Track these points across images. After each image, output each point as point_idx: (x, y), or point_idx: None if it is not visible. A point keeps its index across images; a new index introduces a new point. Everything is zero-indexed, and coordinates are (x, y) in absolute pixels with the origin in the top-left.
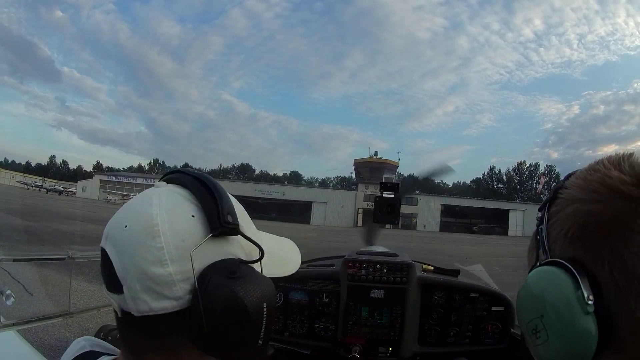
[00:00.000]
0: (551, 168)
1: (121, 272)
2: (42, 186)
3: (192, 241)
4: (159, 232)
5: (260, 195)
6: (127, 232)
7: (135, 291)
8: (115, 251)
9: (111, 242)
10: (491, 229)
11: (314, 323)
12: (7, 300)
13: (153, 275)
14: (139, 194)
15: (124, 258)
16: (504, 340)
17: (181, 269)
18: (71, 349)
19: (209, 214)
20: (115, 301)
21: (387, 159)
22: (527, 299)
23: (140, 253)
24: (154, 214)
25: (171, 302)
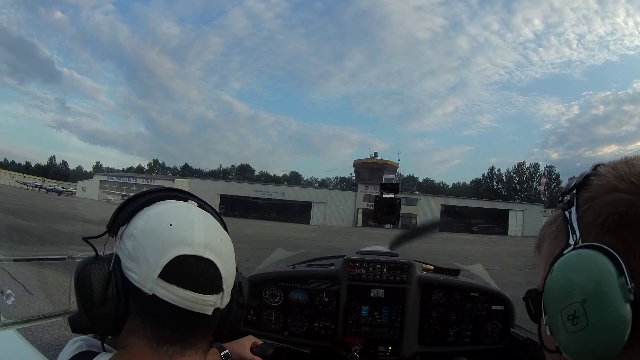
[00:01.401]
0: (551, 169)
1: (225, 276)
2: (42, 186)
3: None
4: (232, 244)
5: (260, 196)
6: (224, 244)
7: (229, 290)
8: (219, 259)
9: (214, 252)
10: (491, 229)
11: (314, 322)
12: (7, 299)
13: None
14: (189, 208)
15: (226, 264)
16: (504, 339)
17: None
18: (68, 348)
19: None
20: (214, 300)
21: (387, 160)
22: (564, 282)
23: (232, 259)
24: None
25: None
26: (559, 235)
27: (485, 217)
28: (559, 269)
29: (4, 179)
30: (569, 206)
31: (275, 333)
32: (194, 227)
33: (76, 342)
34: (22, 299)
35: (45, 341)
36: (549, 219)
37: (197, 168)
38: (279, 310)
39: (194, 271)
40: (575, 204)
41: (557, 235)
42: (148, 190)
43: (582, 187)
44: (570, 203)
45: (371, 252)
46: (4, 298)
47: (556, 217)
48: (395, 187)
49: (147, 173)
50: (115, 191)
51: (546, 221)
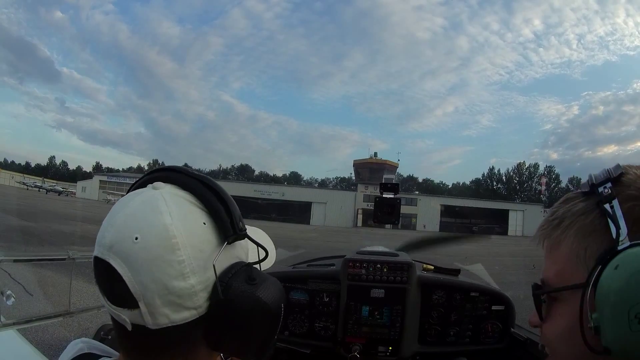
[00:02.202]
0: (551, 169)
1: (137, 289)
2: (42, 187)
3: (209, 250)
4: (177, 245)
5: (260, 196)
6: (140, 246)
7: (155, 306)
8: (127, 266)
9: (119, 256)
10: (491, 229)
11: (314, 322)
12: (8, 300)
13: (175, 289)
14: (134, 195)
15: (140, 274)
16: (504, 339)
17: (201, 279)
18: (68, 351)
19: (221, 220)
20: (127, 316)
21: (386, 160)
22: (634, 280)
23: (160, 268)
24: (168, 224)
25: (191, 311)
26: (597, 229)
27: (485, 217)
28: (625, 263)
29: (4, 179)
30: (608, 199)
31: None
32: (110, 222)
33: (77, 344)
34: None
35: (46, 341)
36: (573, 208)
37: (197, 168)
38: None
39: (103, 275)
40: (617, 198)
41: (594, 229)
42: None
43: (617, 184)
44: (610, 196)
45: (371, 252)
46: (4, 298)
47: (588, 209)
48: (395, 187)
49: None
50: (115, 191)
51: (568, 211)
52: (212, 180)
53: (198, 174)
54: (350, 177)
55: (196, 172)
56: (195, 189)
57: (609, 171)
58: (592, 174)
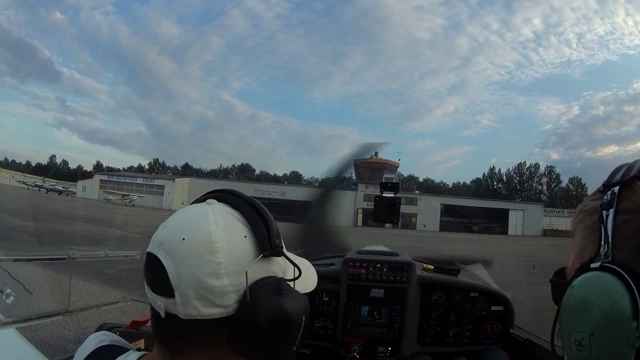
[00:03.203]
0: (551, 169)
1: (176, 280)
2: (42, 186)
3: (245, 259)
4: (217, 249)
5: (260, 195)
6: (186, 245)
7: (189, 297)
8: (171, 260)
9: (166, 251)
10: (491, 228)
11: (313, 322)
12: (7, 298)
13: (208, 285)
14: (190, 208)
15: (180, 267)
16: (503, 340)
17: (234, 282)
18: (89, 342)
19: (260, 236)
20: (162, 303)
21: (387, 159)
22: (580, 306)
23: (199, 265)
24: (212, 231)
25: (220, 309)
26: (593, 234)
27: (485, 217)
28: (579, 285)
29: (4, 179)
30: (608, 206)
31: None
32: (165, 225)
33: (98, 336)
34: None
35: (45, 340)
36: (586, 206)
37: (197, 167)
38: None
39: (148, 267)
40: (615, 207)
41: (592, 233)
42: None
43: (625, 188)
44: (609, 204)
45: (371, 251)
46: (3, 297)
47: (594, 210)
48: (395, 186)
49: (148, 172)
50: (115, 191)
51: (583, 207)
52: (256, 201)
53: (246, 195)
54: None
55: (245, 194)
56: (242, 207)
57: (625, 171)
58: (617, 168)
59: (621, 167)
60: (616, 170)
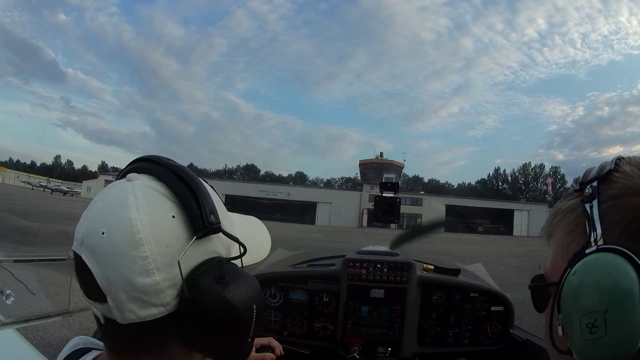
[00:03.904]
0: (556, 169)
1: (104, 283)
2: (47, 186)
3: (177, 246)
4: (141, 240)
5: (265, 196)
6: (106, 241)
7: (121, 302)
8: (95, 260)
9: (88, 250)
10: (496, 229)
11: (313, 323)
12: (7, 299)
13: (139, 285)
14: (109, 188)
15: (106, 269)
16: (503, 340)
17: (168, 276)
18: (66, 347)
19: (191, 214)
20: (98, 309)
21: (392, 160)
22: (587, 288)
23: (124, 264)
24: (133, 218)
25: (159, 308)
26: (577, 228)
27: (490, 217)
28: (582, 270)
29: (9, 179)
30: (589, 199)
31: (275, 333)
32: (84, 216)
33: (74, 340)
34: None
35: (45, 341)
36: (563, 206)
37: (202, 168)
38: (278, 311)
39: (76, 269)
40: (597, 198)
41: (575, 227)
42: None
43: (603, 181)
44: (591, 196)
45: (371, 252)
46: (3, 298)
47: (573, 207)
48: (394, 186)
49: None
50: None
51: (560, 208)
52: (185, 170)
53: (173, 163)
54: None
55: (172, 161)
56: (168, 180)
57: (600, 168)
58: (587, 170)
59: (591, 168)
60: (587, 171)
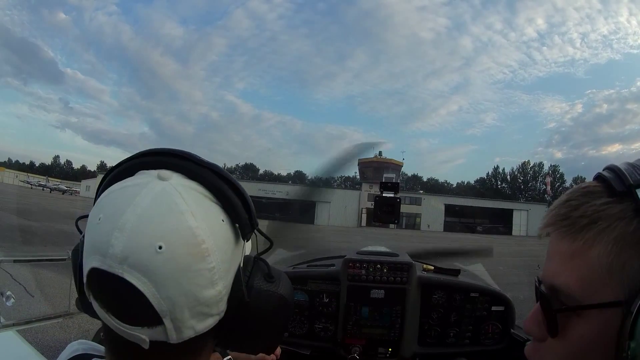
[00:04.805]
0: (555, 168)
1: (163, 305)
2: (46, 185)
3: (230, 250)
4: (207, 251)
5: (264, 195)
6: (166, 256)
7: (183, 320)
8: (149, 281)
9: (137, 270)
10: (495, 228)
11: (313, 323)
12: (7, 301)
13: (205, 299)
14: (138, 189)
15: (167, 289)
16: (504, 340)
17: (227, 283)
18: (65, 353)
19: (240, 216)
20: (146, 335)
21: (391, 159)
22: None
23: (191, 279)
24: (194, 227)
25: (214, 317)
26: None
27: (489, 217)
28: None
29: (8, 179)
30: None
31: None
32: (116, 226)
33: (73, 345)
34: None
35: (45, 343)
36: (606, 210)
37: None
38: None
39: (110, 291)
40: None
41: (638, 240)
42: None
43: None
44: None
45: (371, 252)
46: (3, 299)
47: (626, 214)
48: (395, 186)
49: None
50: None
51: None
52: (224, 170)
53: (208, 162)
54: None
55: (203, 159)
56: (208, 180)
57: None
58: (617, 167)
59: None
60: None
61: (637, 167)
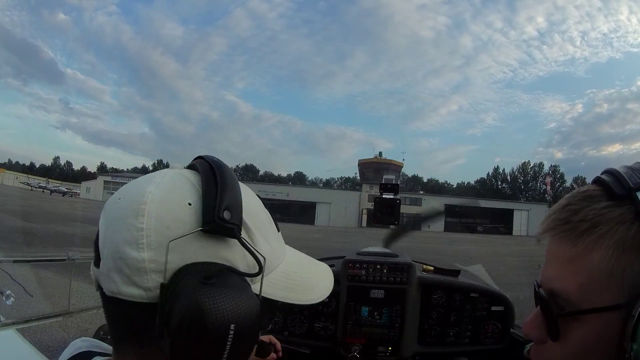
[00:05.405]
0: (555, 168)
1: (101, 245)
2: (46, 187)
3: (177, 231)
4: (144, 211)
5: (264, 196)
6: (118, 205)
7: (108, 268)
8: (105, 223)
9: (104, 214)
10: (495, 228)
11: (313, 323)
12: (7, 300)
13: (125, 256)
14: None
15: (107, 231)
16: (504, 340)
17: (156, 259)
18: (68, 350)
19: (206, 205)
20: (95, 274)
21: (391, 160)
22: None
23: (121, 229)
24: (147, 191)
25: (140, 291)
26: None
27: (490, 217)
28: None
29: (8, 180)
30: None
31: (275, 333)
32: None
33: (76, 343)
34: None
35: (45, 342)
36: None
37: None
38: (279, 311)
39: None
40: None
41: (639, 244)
42: None
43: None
44: None
45: (371, 252)
46: (3, 298)
47: (626, 218)
48: (395, 187)
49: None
50: None
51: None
52: (220, 164)
53: (214, 157)
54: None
55: (217, 159)
56: (202, 170)
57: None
58: (617, 171)
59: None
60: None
61: (636, 170)
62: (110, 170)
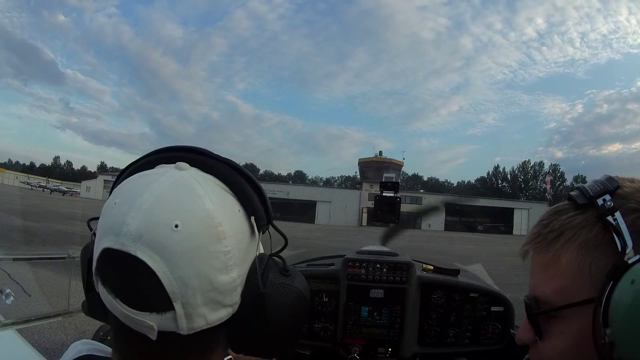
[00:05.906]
0: (555, 167)
1: (175, 287)
2: (46, 186)
3: (245, 240)
4: (224, 234)
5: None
6: (181, 234)
7: (195, 306)
8: (162, 259)
9: (151, 247)
10: (495, 228)
11: (313, 323)
12: (7, 299)
13: (219, 284)
14: (156, 176)
15: (180, 269)
16: (504, 340)
17: (241, 272)
18: (68, 354)
19: (255, 208)
20: (154, 322)
21: (392, 159)
22: None
23: (205, 260)
24: (211, 209)
25: (227, 309)
26: (602, 242)
27: (490, 216)
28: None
29: (9, 180)
30: (610, 212)
31: None
32: (132, 206)
33: (76, 346)
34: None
35: (45, 342)
36: (570, 222)
37: None
38: None
39: (120, 273)
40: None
41: (599, 242)
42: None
43: (613, 195)
44: (612, 209)
45: (371, 251)
46: (3, 298)
47: (588, 222)
48: (395, 185)
49: None
50: None
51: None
52: (239, 166)
53: (224, 157)
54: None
55: (217, 154)
56: (224, 173)
57: (604, 183)
58: (582, 186)
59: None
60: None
61: (598, 182)
62: (110, 169)
